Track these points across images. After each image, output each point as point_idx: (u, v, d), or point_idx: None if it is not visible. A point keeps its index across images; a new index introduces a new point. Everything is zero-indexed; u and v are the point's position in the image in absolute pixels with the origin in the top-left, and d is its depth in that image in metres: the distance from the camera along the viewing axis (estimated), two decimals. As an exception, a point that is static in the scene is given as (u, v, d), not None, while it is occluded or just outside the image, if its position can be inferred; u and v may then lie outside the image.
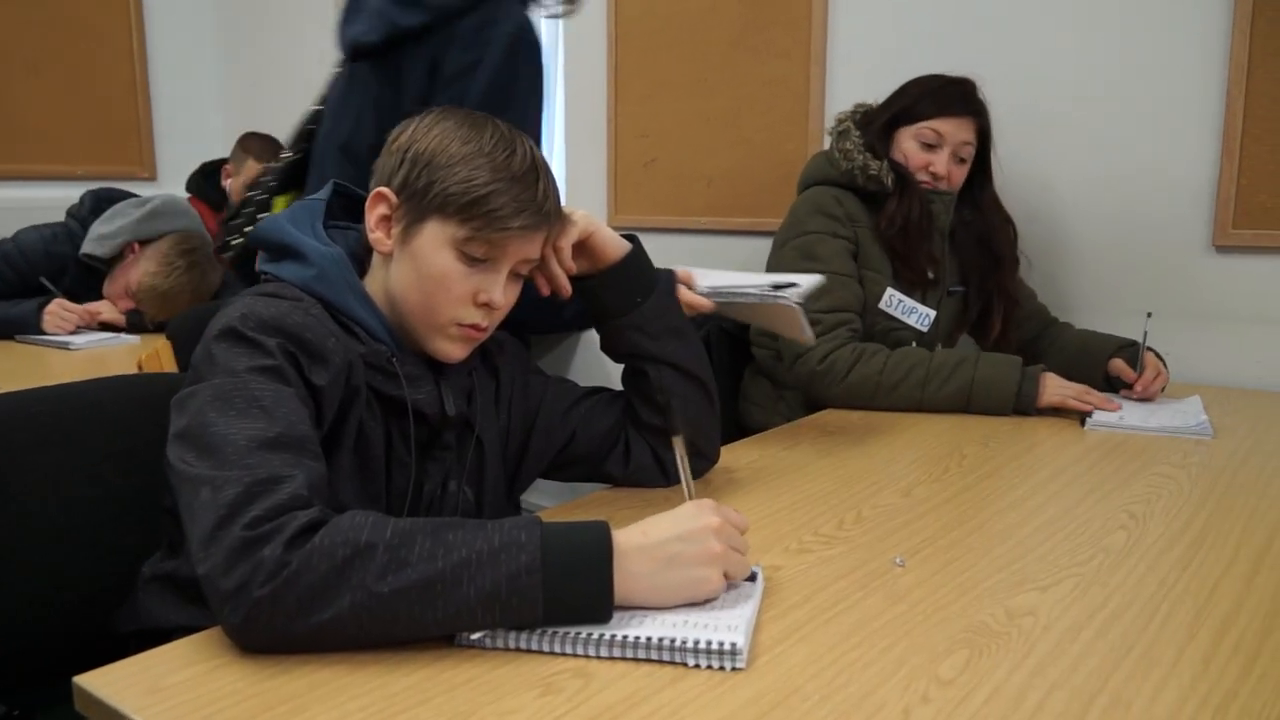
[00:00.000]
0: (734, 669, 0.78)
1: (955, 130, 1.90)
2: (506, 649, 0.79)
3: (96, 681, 0.74)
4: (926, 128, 1.90)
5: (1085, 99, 2.24)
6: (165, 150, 4.25)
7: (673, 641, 0.78)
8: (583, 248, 1.18)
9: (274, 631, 0.76)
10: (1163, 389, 1.86)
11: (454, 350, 1.08)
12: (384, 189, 1.06)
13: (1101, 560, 1.04)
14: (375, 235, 1.07)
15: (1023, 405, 1.74)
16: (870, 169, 1.89)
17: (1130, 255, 2.22)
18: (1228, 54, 2.06)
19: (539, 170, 1.05)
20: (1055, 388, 1.76)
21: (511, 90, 1.48)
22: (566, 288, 1.18)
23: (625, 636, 0.79)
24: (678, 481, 1.23)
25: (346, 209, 1.15)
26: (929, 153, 1.91)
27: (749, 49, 2.73)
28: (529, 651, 0.79)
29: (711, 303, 1.36)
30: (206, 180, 3.29)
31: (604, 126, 3.07)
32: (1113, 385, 1.89)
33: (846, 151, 1.92)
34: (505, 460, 1.20)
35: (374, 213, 1.07)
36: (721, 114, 2.79)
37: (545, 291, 1.19)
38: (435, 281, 1.04)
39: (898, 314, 1.92)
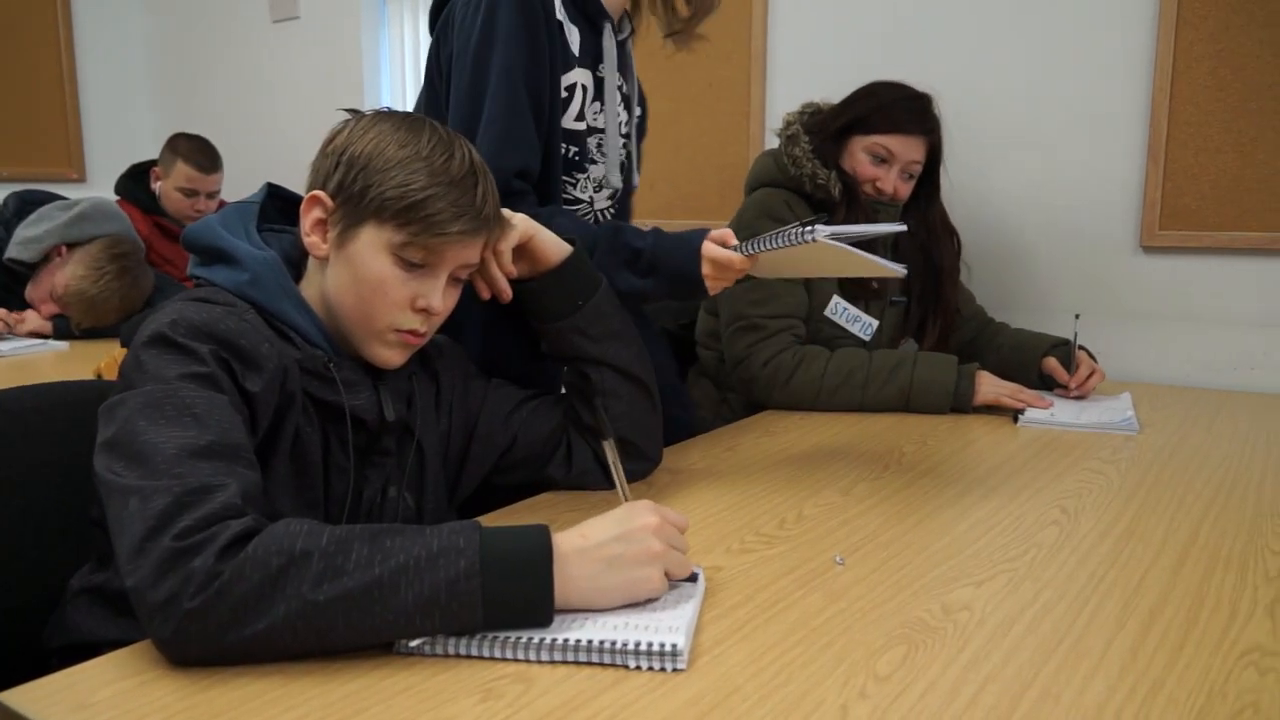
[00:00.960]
0: (674, 670, 0.78)
1: (906, 149, 1.91)
2: (446, 655, 0.78)
3: (21, 698, 0.71)
4: (878, 144, 1.90)
5: (1016, 105, 2.29)
6: (95, 151, 4.15)
7: (613, 644, 0.78)
8: (523, 251, 1.18)
9: (206, 644, 0.74)
10: (1096, 385, 1.91)
11: (392, 356, 1.06)
12: (319, 192, 1.04)
13: (1034, 555, 1.07)
14: (310, 239, 1.05)
15: (959, 404, 1.78)
16: (818, 177, 1.89)
17: (1062, 257, 2.28)
18: (1153, 62, 2.12)
19: (478, 173, 1.04)
20: (989, 386, 1.79)
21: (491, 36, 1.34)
22: (507, 292, 1.17)
23: (565, 640, 0.79)
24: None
25: (282, 211, 1.13)
26: (878, 167, 1.91)
27: (689, 50, 2.73)
28: (469, 657, 0.78)
29: (746, 259, 1.28)
30: (135, 182, 3.21)
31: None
32: (1046, 383, 1.93)
33: (795, 158, 1.91)
34: (446, 465, 1.19)
35: (309, 216, 1.04)
36: (663, 117, 2.79)
37: (485, 296, 1.18)
38: (372, 287, 1.02)
39: (842, 322, 1.94)
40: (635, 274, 1.32)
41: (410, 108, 1.41)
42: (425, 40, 3.49)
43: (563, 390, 1.29)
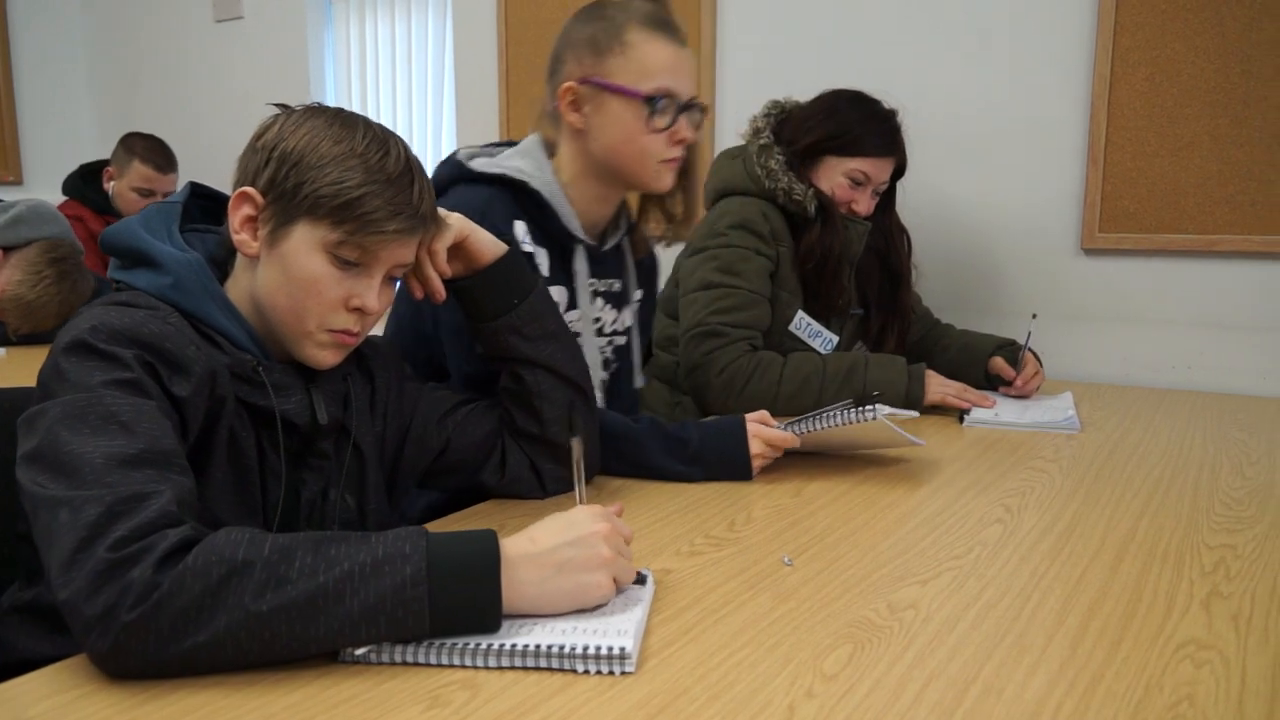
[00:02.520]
0: (623, 673, 0.78)
1: (882, 171, 1.93)
2: (393, 663, 0.78)
3: (-51, 716, 0.69)
4: (858, 169, 1.90)
5: (959, 109, 2.33)
6: (32, 153, 4.05)
7: (561, 648, 0.78)
8: (458, 251, 1.16)
9: (145, 657, 0.72)
10: (1039, 386, 1.94)
11: (324, 356, 1.03)
12: (249, 189, 1.00)
13: (979, 553, 1.08)
14: (240, 237, 1.01)
15: (911, 405, 1.80)
16: (794, 193, 1.88)
17: (1006, 259, 2.32)
18: (1091, 68, 2.17)
19: (413, 172, 1.02)
20: (936, 386, 1.82)
21: None
22: (440, 292, 1.15)
23: (514, 645, 0.78)
24: (555, 493, 1.23)
25: (206, 211, 1.10)
26: (855, 190, 1.92)
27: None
28: (415, 665, 0.78)
29: (796, 437, 1.39)
30: (86, 182, 3.14)
31: (495, 129, 3.05)
32: (992, 383, 1.96)
33: (770, 171, 1.90)
34: (384, 466, 1.17)
35: (238, 213, 1.01)
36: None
37: (419, 295, 1.15)
38: (305, 286, 0.99)
39: (804, 336, 1.95)
40: (680, 462, 1.35)
41: (356, 109, 1.40)
42: (370, 40, 3.46)
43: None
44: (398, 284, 1.11)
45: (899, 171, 1.99)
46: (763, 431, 1.38)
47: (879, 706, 0.74)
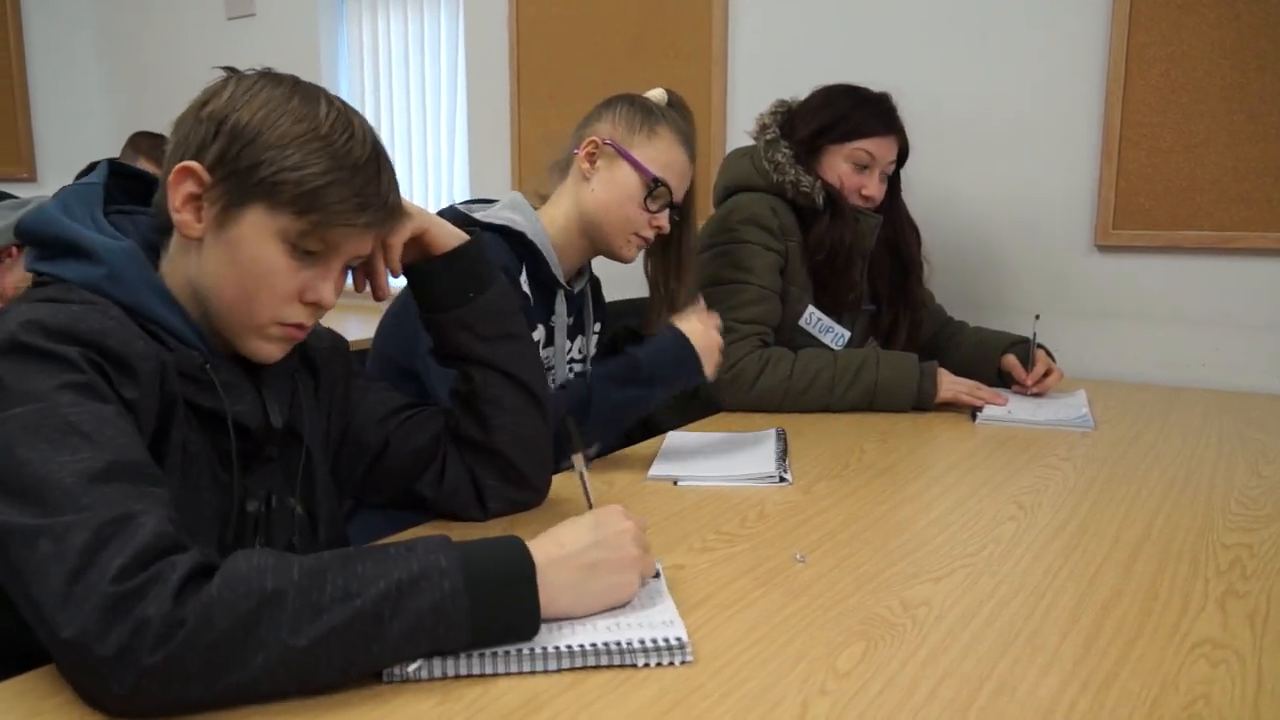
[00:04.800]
0: (683, 663, 0.78)
1: (885, 150, 1.91)
2: (444, 677, 0.75)
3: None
4: (860, 149, 1.89)
5: (973, 106, 2.31)
6: (45, 150, 4.07)
7: (619, 644, 0.78)
8: (414, 243, 1.07)
9: (168, 700, 0.66)
10: (1055, 384, 1.93)
11: (272, 350, 0.95)
12: (192, 164, 0.89)
13: (992, 550, 1.08)
14: (181, 217, 0.90)
15: (922, 402, 1.79)
16: (802, 185, 1.88)
17: (1019, 256, 2.31)
18: (1106, 64, 2.16)
19: (379, 158, 0.93)
20: (948, 384, 1.81)
21: None
22: (386, 289, 1.06)
23: (569, 647, 0.78)
24: (497, 513, 1.14)
25: (127, 191, 0.99)
26: (861, 174, 1.91)
27: (651, 51, 2.74)
28: (467, 677, 0.75)
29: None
30: None
31: (506, 127, 3.05)
32: (1005, 380, 1.95)
33: (778, 164, 1.89)
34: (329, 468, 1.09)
35: (179, 190, 0.89)
36: (625, 116, 2.79)
37: (361, 289, 1.06)
38: (258, 277, 0.90)
39: (815, 332, 1.94)
40: (639, 386, 1.41)
41: (369, 109, 1.42)
42: (383, 37, 3.47)
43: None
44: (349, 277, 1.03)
45: (903, 156, 1.98)
46: (695, 322, 1.44)
47: (892, 704, 0.73)
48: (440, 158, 3.41)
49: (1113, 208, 2.18)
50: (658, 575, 0.93)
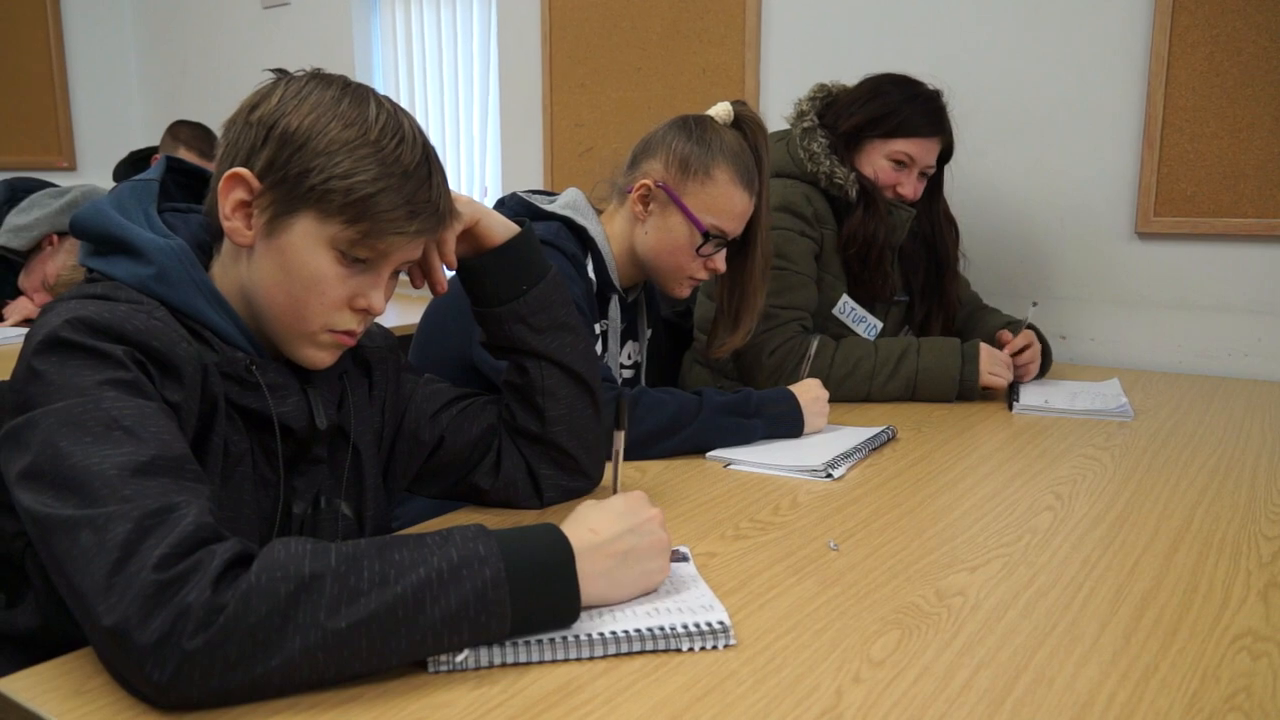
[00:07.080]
0: (727, 646, 0.79)
1: (926, 153, 1.89)
2: (490, 666, 0.75)
3: (15, 685, 0.71)
4: (901, 150, 1.87)
5: (1012, 91, 2.28)
6: (85, 139, 4.13)
7: (663, 629, 0.79)
8: (466, 235, 1.07)
9: (208, 686, 0.66)
10: (1030, 365, 1.89)
11: (322, 357, 0.95)
12: (243, 170, 0.89)
13: (1029, 540, 1.07)
14: (232, 224, 0.90)
15: (965, 391, 1.77)
16: (836, 177, 1.86)
17: (1058, 243, 2.28)
18: (1149, 47, 2.12)
19: (430, 162, 0.92)
20: (986, 370, 1.79)
21: None
22: (443, 283, 1.06)
23: (615, 633, 0.78)
24: (552, 502, 1.15)
25: (184, 188, 0.99)
26: (899, 172, 1.89)
27: (683, 36, 2.73)
28: (515, 665, 0.75)
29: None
30: (135, 169, 3.20)
31: (539, 116, 3.05)
32: None
33: (813, 154, 1.88)
34: (379, 466, 1.08)
35: (229, 197, 0.90)
36: (657, 102, 2.79)
37: (419, 286, 1.06)
38: (308, 284, 0.90)
39: (848, 321, 1.93)
40: (743, 416, 1.45)
41: (402, 98, 1.42)
42: (416, 27, 3.47)
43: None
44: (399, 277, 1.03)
45: (945, 155, 1.96)
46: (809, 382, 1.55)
47: (927, 693, 0.73)
48: (474, 146, 3.42)
49: (1154, 194, 2.14)
50: (686, 559, 0.93)
